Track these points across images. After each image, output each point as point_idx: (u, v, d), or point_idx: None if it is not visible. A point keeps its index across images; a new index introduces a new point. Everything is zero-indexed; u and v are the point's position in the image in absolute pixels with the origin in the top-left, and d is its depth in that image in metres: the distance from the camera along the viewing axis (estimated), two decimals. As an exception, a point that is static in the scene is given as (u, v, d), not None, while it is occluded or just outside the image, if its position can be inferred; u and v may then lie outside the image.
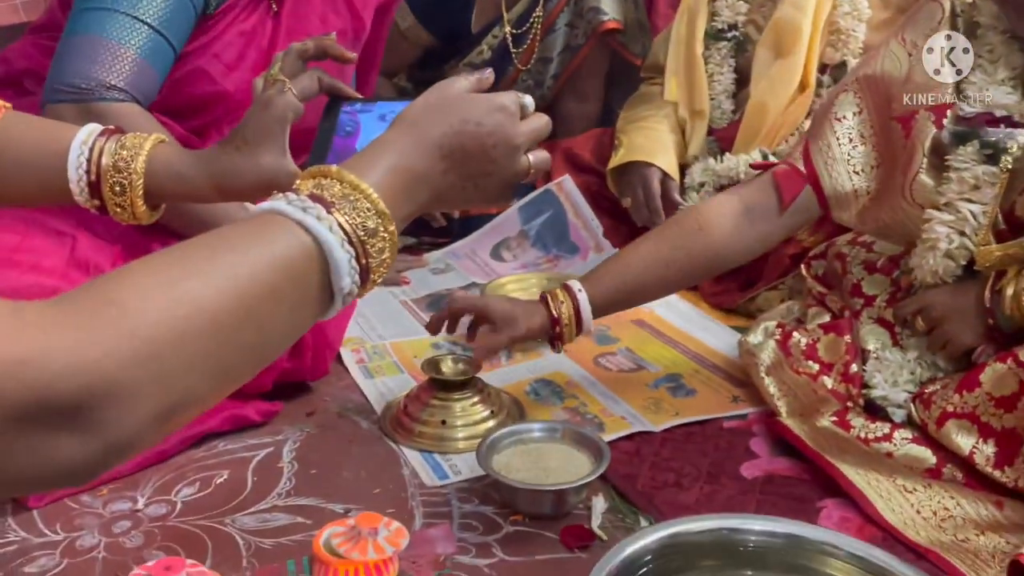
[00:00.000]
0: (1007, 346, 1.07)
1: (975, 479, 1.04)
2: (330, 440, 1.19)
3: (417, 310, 1.64)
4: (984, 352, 1.10)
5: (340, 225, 0.58)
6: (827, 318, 1.34)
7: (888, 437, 1.11)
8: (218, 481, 1.10)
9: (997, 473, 1.02)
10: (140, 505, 1.05)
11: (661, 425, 1.20)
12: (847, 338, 1.22)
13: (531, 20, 2.00)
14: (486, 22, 2.01)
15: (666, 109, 1.79)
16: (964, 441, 1.05)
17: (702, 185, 1.71)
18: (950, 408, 1.07)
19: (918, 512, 1.01)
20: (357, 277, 0.60)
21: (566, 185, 1.89)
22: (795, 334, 1.28)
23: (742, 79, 1.74)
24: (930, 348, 1.16)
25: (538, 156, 0.75)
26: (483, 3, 2.02)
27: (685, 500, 1.05)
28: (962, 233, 1.11)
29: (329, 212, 0.58)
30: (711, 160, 1.69)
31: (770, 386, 1.22)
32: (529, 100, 0.74)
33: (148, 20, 1.17)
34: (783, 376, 1.23)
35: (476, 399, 1.21)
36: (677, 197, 1.70)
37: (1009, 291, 1.05)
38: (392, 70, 2.14)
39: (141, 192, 0.90)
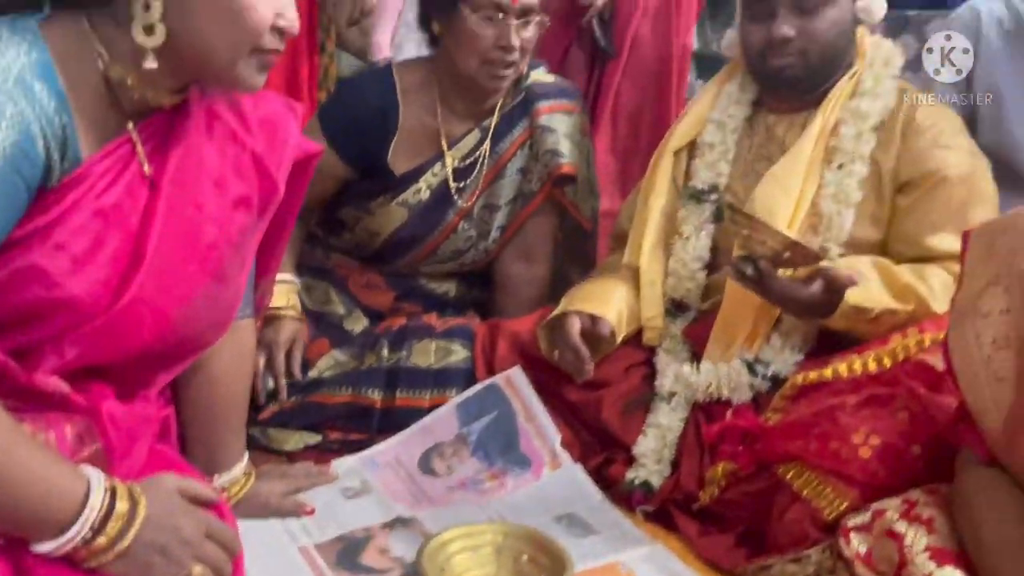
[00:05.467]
0: None
1: None
2: None
3: (322, 564, 1.21)
4: None
5: None
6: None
7: None
8: None
9: None
10: None
11: None
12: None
13: (476, 156, 1.70)
14: (425, 158, 1.70)
15: (624, 272, 1.58)
16: None
17: (672, 395, 1.46)
18: None
19: None
20: None
21: (516, 379, 1.53)
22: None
23: (715, 260, 1.53)
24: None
25: None
26: (415, 136, 1.70)
27: None
28: None
29: None
30: (685, 368, 1.46)
31: None
32: None
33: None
34: None
35: None
36: (605, 332, 1.46)
37: None
38: (304, 208, 1.76)
39: None
